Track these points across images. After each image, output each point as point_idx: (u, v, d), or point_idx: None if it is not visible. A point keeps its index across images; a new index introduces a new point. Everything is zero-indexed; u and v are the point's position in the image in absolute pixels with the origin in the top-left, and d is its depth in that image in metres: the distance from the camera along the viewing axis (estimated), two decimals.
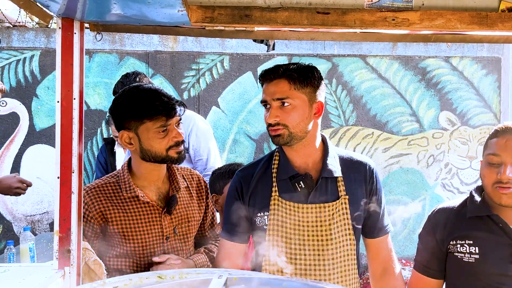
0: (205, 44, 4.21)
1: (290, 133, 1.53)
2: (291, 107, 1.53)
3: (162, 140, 1.58)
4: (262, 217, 1.59)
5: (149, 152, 1.59)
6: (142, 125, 1.57)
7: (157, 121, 1.56)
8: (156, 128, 1.56)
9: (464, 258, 1.57)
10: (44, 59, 4.08)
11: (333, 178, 1.59)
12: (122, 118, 1.60)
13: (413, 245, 1.73)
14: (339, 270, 1.55)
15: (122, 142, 1.61)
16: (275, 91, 1.53)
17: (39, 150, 4.08)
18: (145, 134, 1.58)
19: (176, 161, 1.63)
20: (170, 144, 1.59)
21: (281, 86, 1.53)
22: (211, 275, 1.00)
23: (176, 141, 1.60)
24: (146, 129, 1.57)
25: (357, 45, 4.34)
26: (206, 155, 2.80)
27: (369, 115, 4.40)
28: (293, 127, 1.53)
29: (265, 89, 1.57)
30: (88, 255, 1.47)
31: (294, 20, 1.37)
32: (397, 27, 1.40)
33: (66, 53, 1.39)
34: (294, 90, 1.53)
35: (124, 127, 1.60)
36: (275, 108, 1.53)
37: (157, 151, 1.58)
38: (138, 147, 1.60)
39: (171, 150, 1.59)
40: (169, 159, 1.61)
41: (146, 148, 1.59)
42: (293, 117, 1.53)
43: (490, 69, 4.49)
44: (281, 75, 1.54)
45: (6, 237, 3.98)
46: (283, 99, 1.52)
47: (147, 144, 1.58)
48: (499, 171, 1.49)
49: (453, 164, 4.48)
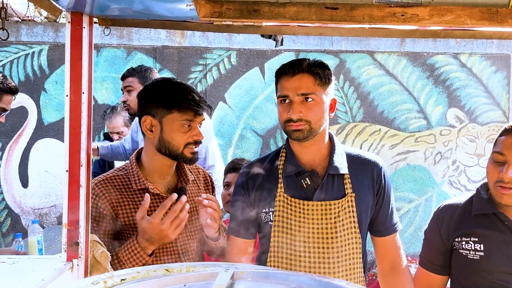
0: (213, 40, 4.21)
1: (311, 128, 1.52)
2: (314, 103, 1.52)
3: (184, 134, 1.59)
4: (267, 213, 1.59)
5: (168, 144, 1.60)
6: (169, 115, 1.58)
7: (185, 114, 1.58)
8: (182, 120, 1.58)
9: (468, 255, 1.57)
10: (53, 53, 4.10)
11: (340, 175, 1.58)
12: (152, 102, 1.61)
13: (419, 242, 1.73)
14: (344, 268, 1.55)
15: (143, 127, 1.62)
16: (299, 86, 1.51)
17: (47, 144, 4.11)
18: (169, 124, 1.59)
19: (189, 160, 1.64)
20: (189, 141, 1.60)
21: (306, 81, 1.51)
22: (218, 268, 1.00)
23: (196, 139, 1.61)
24: (172, 119, 1.58)
25: (365, 41, 4.32)
26: (204, 154, 2.82)
27: (376, 112, 4.39)
28: (314, 122, 1.52)
29: (285, 84, 1.54)
30: (96, 247, 1.48)
31: (302, 15, 1.36)
32: (406, 23, 1.38)
33: (75, 47, 1.40)
34: (317, 86, 1.52)
35: (150, 113, 1.61)
36: (298, 103, 1.51)
37: (175, 144, 1.59)
38: (158, 137, 1.61)
39: (188, 147, 1.61)
40: (183, 156, 1.62)
41: (166, 139, 1.60)
42: (316, 113, 1.52)
43: (499, 66, 4.45)
44: (305, 70, 1.52)
45: (14, 230, 4.03)
46: (308, 95, 1.51)
47: (168, 135, 1.59)
48: (502, 170, 1.49)
49: (460, 161, 4.46)
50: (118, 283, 0.97)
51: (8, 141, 4.08)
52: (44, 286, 1.21)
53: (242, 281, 0.98)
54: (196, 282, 0.97)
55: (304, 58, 1.57)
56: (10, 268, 1.34)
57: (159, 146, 1.62)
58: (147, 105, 1.62)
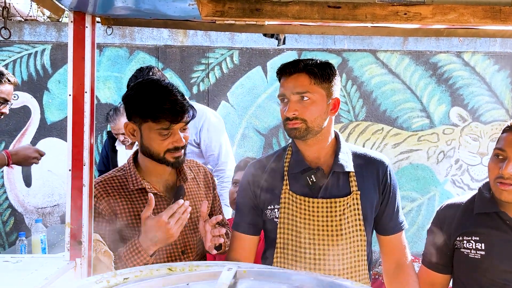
0: (215, 39, 4.21)
1: (308, 127, 1.53)
2: (310, 102, 1.53)
3: (162, 142, 1.58)
4: (272, 210, 1.60)
5: (148, 150, 1.61)
6: (145, 123, 1.58)
7: (159, 123, 1.56)
8: (157, 129, 1.57)
9: (470, 254, 1.57)
10: (55, 53, 4.11)
11: (345, 173, 1.58)
12: (131, 109, 1.63)
13: (422, 241, 1.73)
14: (349, 265, 1.55)
15: (126, 131, 1.64)
16: (295, 85, 1.53)
17: (50, 143, 4.12)
18: (146, 132, 1.59)
19: (172, 165, 1.63)
20: (169, 148, 1.59)
21: (301, 80, 1.53)
22: (221, 267, 1.00)
23: (176, 146, 1.59)
24: (148, 127, 1.58)
25: (367, 40, 4.31)
26: (217, 150, 2.80)
27: (379, 111, 4.38)
28: (311, 121, 1.53)
29: (283, 83, 1.57)
30: (99, 246, 1.48)
31: (304, 14, 1.35)
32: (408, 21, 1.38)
33: (78, 46, 1.40)
34: (313, 85, 1.53)
35: (131, 118, 1.63)
36: (294, 102, 1.53)
37: (155, 151, 1.60)
38: (140, 142, 1.63)
39: (169, 153, 1.59)
40: (165, 161, 1.61)
41: (145, 146, 1.61)
42: (312, 112, 1.53)
43: (503, 65, 4.44)
44: (301, 69, 1.54)
45: (18, 229, 4.04)
46: (303, 93, 1.52)
47: (147, 142, 1.60)
48: (502, 166, 1.49)
49: (463, 160, 4.45)
50: (121, 282, 0.97)
51: (11, 140, 4.09)
52: (47, 285, 1.22)
53: (245, 280, 0.98)
54: (199, 281, 0.97)
55: (305, 59, 1.58)
56: (13, 267, 1.35)
57: (142, 150, 1.64)
58: (127, 110, 1.64)
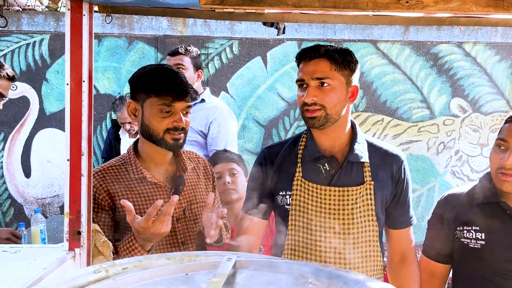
0: (214, 29, 4.18)
1: (327, 114, 1.51)
2: (330, 88, 1.50)
3: (162, 120, 1.57)
4: (284, 197, 1.59)
5: (147, 129, 1.59)
6: (148, 99, 1.57)
7: (163, 98, 1.55)
8: (159, 105, 1.56)
9: (470, 244, 1.57)
10: (54, 43, 4.08)
11: (360, 163, 1.57)
12: (134, 87, 1.62)
13: (422, 231, 1.72)
14: (361, 255, 1.54)
15: (128, 111, 1.63)
16: (315, 70, 1.50)
17: (49, 134, 4.11)
18: (148, 108, 1.58)
19: (170, 147, 1.60)
20: (169, 127, 1.57)
21: (322, 65, 1.50)
22: (220, 257, 1.00)
23: (176, 126, 1.57)
24: (151, 103, 1.57)
25: (368, 30, 4.28)
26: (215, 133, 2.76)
27: (379, 101, 4.36)
28: (329, 108, 1.51)
29: (303, 68, 1.54)
30: (98, 236, 1.48)
31: (305, 2, 1.34)
32: (410, 10, 1.36)
33: (75, 35, 1.38)
34: (334, 71, 1.50)
35: (134, 97, 1.62)
36: (313, 88, 1.50)
37: (154, 130, 1.58)
38: (140, 121, 1.61)
39: (168, 134, 1.58)
40: (163, 142, 1.59)
41: (146, 123, 1.59)
42: (331, 98, 1.50)
43: (504, 55, 4.41)
44: (322, 55, 1.51)
45: (17, 220, 4.05)
46: (323, 79, 1.49)
47: (147, 119, 1.58)
48: (504, 156, 1.48)
49: (463, 151, 4.44)
50: (120, 272, 0.97)
51: (10, 131, 4.08)
52: (46, 275, 1.21)
53: (245, 270, 0.98)
54: (198, 271, 0.97)
55: (326, 44, 1.55)
56: (12, 256, 1.35)
57: (142, 130, 1.62)
58: (132, 90, 1.64)
